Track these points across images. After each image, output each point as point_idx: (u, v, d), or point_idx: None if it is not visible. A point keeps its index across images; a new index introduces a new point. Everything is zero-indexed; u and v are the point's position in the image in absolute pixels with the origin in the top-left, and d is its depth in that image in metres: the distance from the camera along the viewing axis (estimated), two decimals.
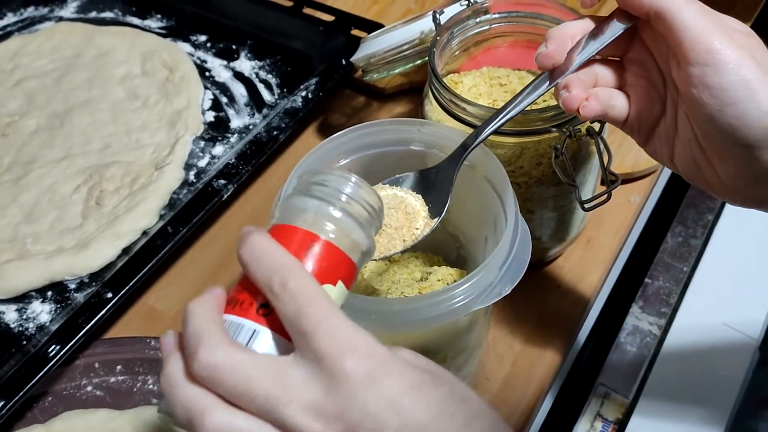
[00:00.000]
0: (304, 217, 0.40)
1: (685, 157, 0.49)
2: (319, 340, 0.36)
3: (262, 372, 0.36)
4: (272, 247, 0.38)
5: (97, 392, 0.63)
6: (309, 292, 0.37)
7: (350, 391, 0.35)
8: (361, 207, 0.41)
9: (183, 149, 0.77)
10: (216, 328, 0.38)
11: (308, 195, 0.41)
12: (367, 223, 0.42)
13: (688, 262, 0.74)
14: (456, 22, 0.63)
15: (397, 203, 0.53)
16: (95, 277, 0.68)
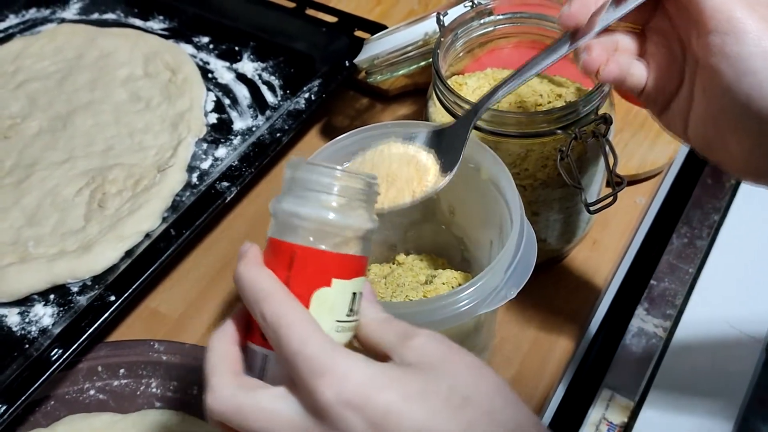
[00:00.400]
0: (283, 226, 0.41)
1: (699, 131, 0.49)
2: (298, 369, 0.37)
3: (257, 413, 0.38)
4: (253, 275, 0.40)
5: (101, 396, 0.63)
6: (284, 320, 0.38)
7: (331, 420, 0.36)
8: (346, 199, 0.40)
9: (186, 151, 0.76)
10: (224, 367, 0.40)
11: (289, 198, 0.41)
12: (356, 209, 0.41)
13: (694, 263, 0.74)
14: (460, 24, 0.63)
15: (409, 158, 0.52)
16: (98, 280, 0.68)
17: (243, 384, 0.39)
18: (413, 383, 0.37)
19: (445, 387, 0.37)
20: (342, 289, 0.40)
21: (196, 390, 0.62)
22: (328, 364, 0.37)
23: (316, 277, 0.40)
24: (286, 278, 0.40)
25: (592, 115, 0.58)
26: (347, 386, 0.36)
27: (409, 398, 0.36)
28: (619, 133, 0.76)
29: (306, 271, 0.40)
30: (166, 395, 0.62)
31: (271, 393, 0.38)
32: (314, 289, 0.40)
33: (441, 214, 0.62)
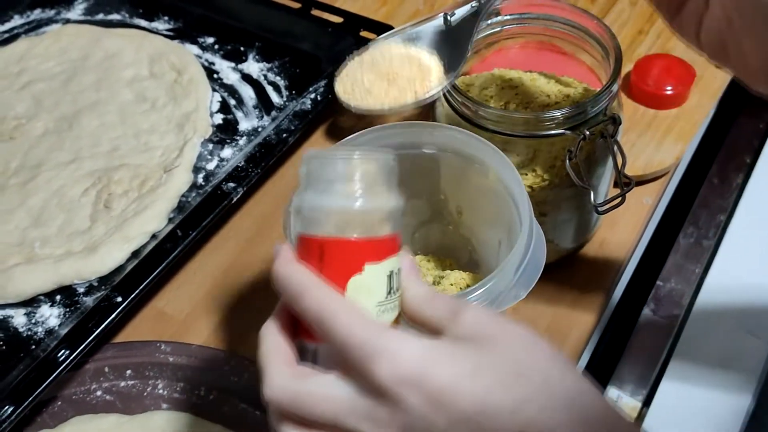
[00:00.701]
0: (308, 221, 0.41)
1: (713, 35, 0.48)
2: (350, 356, 0.37)
3: (314, 398, 0.38)
4: (288, 272, 0.40)
5: (107, 397, 0.63)
6: (327, 311, 0.38)
7: (390, 399, 0.36)
8: (367, 184, 0.40)
9: (191, 152, 0.76)
10: (276, 358, 0.40)
11: (310, 193, 0.41)
12: (378, 191, 0.41)
13: (701, 263, 0.74)
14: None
15: (410, 57, 0.50)
16: (104, 281, 0.68)
17: (297, 372, 0.39)
18: (468, 359, 0.37)
19: (500, 361, 0.37)
20: (376, 272, 0.40)
21: (203, 391, 0.62)
22: (379, 345, 0.37)
23: (348, 266, 0.40)
24: (319, 271, 0.40)
25: (600, 115, 0.57)
26: (401, 364, 0.36)
27: (464, 374, 0.36)
28: (626, 133, 0.76)
29: (337, 262, 0.40)
30: (172, 396, 0.62)
31: (326, 378, 0.39)
32: (348, 278, 0.40)
33: (449, 214, 0.62)
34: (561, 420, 0.36)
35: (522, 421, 0.36)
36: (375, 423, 0.37)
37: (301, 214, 0.41)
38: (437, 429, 0.36)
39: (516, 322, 0.39)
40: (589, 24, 0.62)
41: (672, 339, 0.68)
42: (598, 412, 0.37)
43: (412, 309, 0.41)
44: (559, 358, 0.38)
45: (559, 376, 0.37)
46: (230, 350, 0.64)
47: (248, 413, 0.61)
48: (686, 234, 0.76)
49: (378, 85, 0.46)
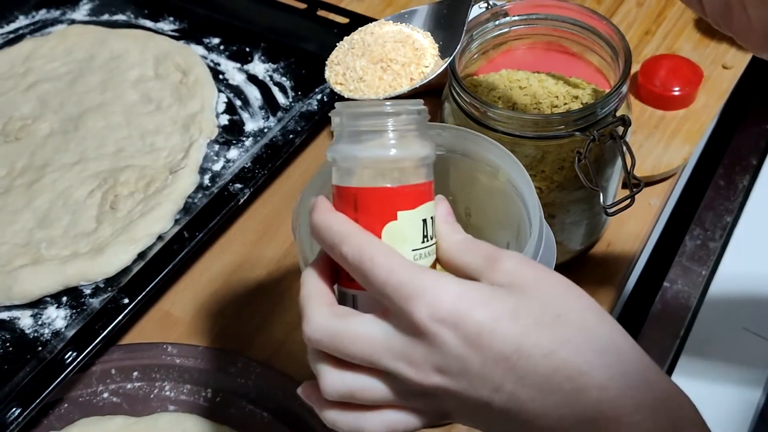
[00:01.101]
0: (343, 172, 0.41)
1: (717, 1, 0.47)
2: (388, 296, 0.38)
3: (353, 336, 0.39)
4: (327, 220, 0.40)
5: (114, 399, 0.63)
6: (366, 255, 0.39)
7: (427, 338, 0.37)
8: (399, 133, 0.41)
9: (197, 153, 0.76)
10: (317, 299, 0.41)
11: (343, 144, 0.42)
12: (410, 139, 0.41)
13: (707, 265, 0.74)
14: (475, 25, 0.62)
15: (404, 38, 0.48)
16: (110, 283, 0.68)
17: (336, 312, 0.40)
18: (506, 302, 0.37)
19: (538, 305, 0.37)
20: (410, 219, 0.41)
21: (209, 393, 0.62)
22: (419, 285, 0.37)
23: (382, 214, 0.40)
24: (355, 220, 0.41)
25: (609, 117, 0.57)
26: (440, 304, 0.37)
27: (502, 316, 0.37)
28: (633, 135, 0.75)
29: (370, 211, 0.41)
30: (179, 398, 0.62)
31: (364, 318, 0.39)
32: (382, 225, 0.40)
33: (457, 216, 0.61)
34: (595, 363, 0.36)
35: (557, 363, 0.36)
36: (410, 363, 0.38)
37: (336, 166, 0.42)
38: (472, 369, 0.37)
39: (553, 271, 0.40)
40: (597, 24, 0.61)
41: (679, 340, 0.68)
42: (632, 358, 0.37)
43: (449, 256, 0.42)
44: (595, 306, 0.39)
45: (595, 320, 0.38)
46: (237, 351, 0.64)
47: (255, 415, 0.61)
48: (693, 235, 0.76)
49: (371, 72, 0.45)
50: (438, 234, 0.42)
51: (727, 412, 0.63)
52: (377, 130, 0.41)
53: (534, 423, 0.37)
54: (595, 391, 0.35)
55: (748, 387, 0.65)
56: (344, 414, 0.41)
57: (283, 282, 0.70)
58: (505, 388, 0.37)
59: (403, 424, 0.40)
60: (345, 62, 0.46)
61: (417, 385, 0.38)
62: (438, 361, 0.37)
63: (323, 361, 0.40)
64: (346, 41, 0.48)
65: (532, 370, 0.36)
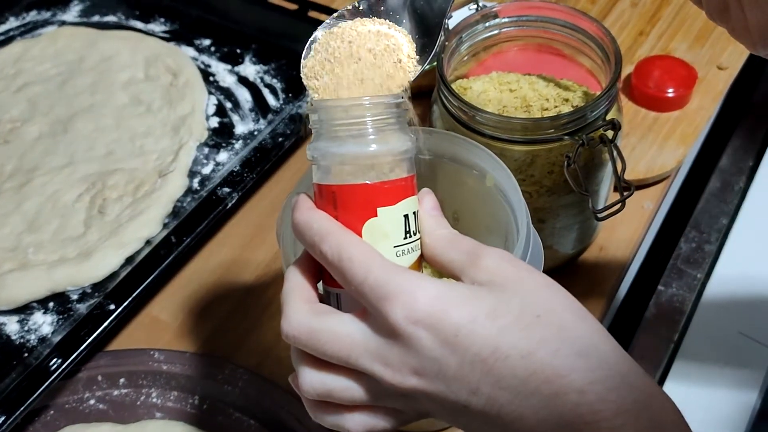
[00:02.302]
0: (323, 170, 0.41)
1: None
2: (365, 296, 0.38)
3: (330, 334, 0.39)
4: (307, 218, 0.41)
5: (100, 405, 0.62)
6: (345, 254, 0.38)
7: (403, 340, 0.37)
8: (377, 128, 0.41)
9: (187, 156, 0.76)
10: (297, 296, 0.41)
11: (323, 141, 0.41)
12: (390, 134, 0.41)
13: (702, 268, 0.73)
14: (465, 27, 0.62)
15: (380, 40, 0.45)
16: (98, 288, 0.67)
17: (316, 310, 0.40)
18: (484, 302, 0.37)
19: (517, 305, 0.37)
20: (390, 216, 0.40)
21: (197, 400, 0.62)
22: (396, 286, 0.37)
23: (362, 211, 0.40)
24: (335, 218, 0.40)
25: (599, 120, 0.56)
26: (417, 305, 0.37)
27: (480, 316, 0.36)
28: (626, 137, 0.75)
29: (350, 208, 0.40)
30: (166, 405, 0.62)
31: (341, 317, 0.39)
32: (362, 222, 0.40)
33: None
34: (575, 365, 0.35)
35: (535, 365, 0.35)
36: (387, 364, 0.37)
37: (315, 163, 0.42)
38: (448, 372, 0.36)
39: (534, 269, 0.40)
40: (588, 26, 0.61)
41: (674, 344, 0.68)
42: (613, 360, 0.36)
43: (432, 252, 0.41)
44: (577, 305, 0.38)
45: (575, 321, 0.37)
46: (225, 358, 0.64)
47: (242, 422, 0.60)
48: (688, 238, 0.75)
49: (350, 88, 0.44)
50: (422, 229, 0.42)
51: (722, 416, 0.63)
52: (355, 126, 0.40)
53: (512, 426, 0.36)
54: (574, 395, 0.35)
55: (744, 390, 0.64)
56: (326, 410, 0.41)
57: (272, 287, 0.69)
58: (483, 390, 0.36)
59: (382, 424, 0.40)
60: (320, 74, 0.45)
61: (394, 387, 0.38)
62: (414, 363, 0.37)
63: (303, 360, 0.40)
64: (321, 46, 0.46)
65: (510, 373, 0.35)
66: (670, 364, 0.66)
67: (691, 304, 0.70)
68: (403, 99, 0.42)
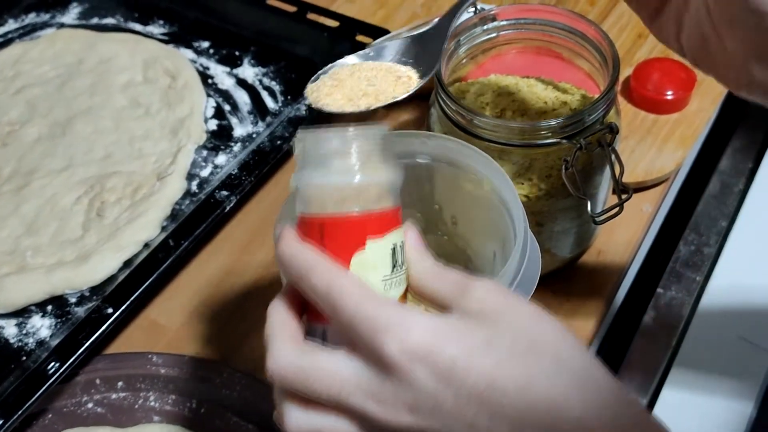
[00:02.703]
0: (308, 200, 0.40)
1: (694, 36, 0.47)
2: (357, 330, 0.37)
3: (319, 372, 0.37)
4: (293, 252, 0.39)
5: (99, 409, 0.62)
6: (335, 288, 0.38)
7: (397, 375, 0.36)
8: (363, 158, 0.40)
9: (185, 159, 0.75)
10: (282, 333, 0.39)
11: (307, 172, 0.40)
12: (375, 164, 0.40)
13: (702, 271, 0.73)
14: (463, 30, 0.62)
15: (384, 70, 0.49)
16: (96, 291, 0.67)
17: (303, 347, 0.39)
18: (477, 334, 0.36)
19: (510, 336, 0.36)
20: (379, 248, 0.40)
21: (194, 404, 0.62)
22: (389, 319, 0.36)
23: (350, 243, 0.40)
24: (321, 250, 0.39)
25: (597, 124, 0.56)
26: (411, 338, 0.36)
27: (474, 349, 0.36)
28: (625, 139, 0.75)
29: (338, 240, 0.40)
30: (164, 409, 0.62)
31: (332, 354, 0.38)
32: (351, 254, 0.39)
33: (443, 224, 0.61)
34: (571, 395, 0.35)
35: (531, 396, 0.35)
36: (380, 401, 0.36)
37: (300, 194, 0.41)
38: (444, 407, 0.36)
39: (524, 299, 0.39)
40: (587, 30, 0.61)
41: (673, 347, 0.67)
42: (607, 388, 0.36)
43: (419, 284, 0.41)
44: (569, 336, 0.38)
45: (569, 352, 0.37)
46: (223, 362, 0.64)
47: (240, 426, 0.60)
48: (687, 241, 0.75)
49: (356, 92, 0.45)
50: (408, 261, 0.41)
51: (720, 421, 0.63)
52: (341, 156, 0.40)
53: None
54: (572, 425, 0.35)
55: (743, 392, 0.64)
56: None
57: (270, 290, 0.68)
58: (480, 424, 0.35)
59: None
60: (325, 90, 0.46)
61: (387, 424, 0.37)
62: (409, 399, 0.36)
63: (288, 399, 0.39)
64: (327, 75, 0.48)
65: (508, 404, 0.35)
66: (668, 368, 0.66)
67: (690, 307, 0.70)
68: (388, 131, 0.41)
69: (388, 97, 0.47)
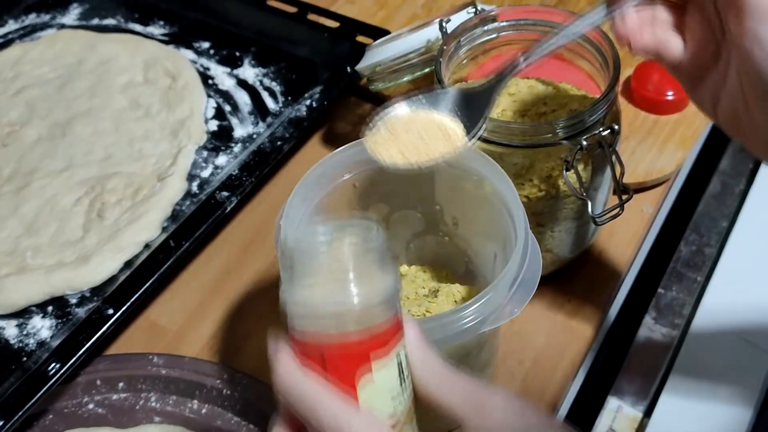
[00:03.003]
0: (302, 321, 0.37)
1: (728, 108, 0.48)
2: None
3: None
4: (295, 381, 0.37)
5: (99, 410, 0.62)
6: (344, 425, 0.36)
7: None
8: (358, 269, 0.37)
9: (186, 159, 0.75)
10: None
11: (297, 290, 0.37)
12: (372, 273, 0.38)
13: (702, 271, 0.73)
14: (463, 31, 0.62)
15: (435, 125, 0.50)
16: (96, 292, 0.67)
17: None
18: None
19: None
20: (385, 365, 0.37)
21: (195, 404, 0.62)
22: None
23: (354, 367, 0.37)
24: (323, 373, 0.37)
25: (598, 125, 0.56)
26: None
27: None
28: (626, 140, 0.75)
29: (341, 366, 0.37)
30: (165, 409, 0.62)
31: None
32: (357, 380, 0.37)
33: (444, 225, 0.61)
34: None
35: None
36: None
37: (293, 313, 0.38)
38: None
39: (543, 413, 0.39)
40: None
41: (673, 348, 0.67)
42: None
43: (427, 391, 0.39)
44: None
45: None
46: (224, 362, 0.64)
47: (241, 427, 0.60)
48: (688, 241, 0.75)
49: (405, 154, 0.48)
50: (412, 364, 0.39)
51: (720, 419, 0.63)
52: (334, 275, 0.37)
53: None
54: None
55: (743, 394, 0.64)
56: None
57: (271, 291, 0.69)
58: None
59: None
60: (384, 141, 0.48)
61: None
62: None
63: None
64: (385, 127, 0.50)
65: None
66: (669, 370, 0.66)
67: (691, 307, 0.70)
68: (378, 228, 0.39)
69: (438, 157, 0.48)
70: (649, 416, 0.63)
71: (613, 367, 0.67)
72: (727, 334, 0.68)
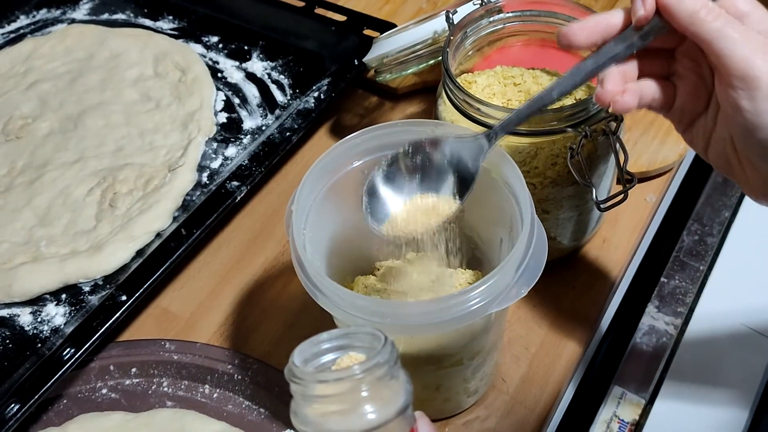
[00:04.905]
0: None
1: (719, 153, 0.50)
2: None
3: None
4: None
5: (112, 395, 0.63)
6: None
7: None
8: (371, 386, 0.36)
9: (196, 151, 0.77)
10: None
11: (310, 415, 0.37)
12: (384, 388, 0.37)
13: (705, 260, 0.73)
14: (469, 22, 0.63)
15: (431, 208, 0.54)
16: (109, 280, 0.68)
17: None
18: None
19: None
20: None
21: (207, 389, 0.63)
22: None
23: None
24: None
25: (602, 112, 0.57)
26: None
27: None
28: (629, 130, 0.76)
29: None
30: (177, 394, 0.63)
31: None
32: None
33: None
34: None
35: None
36: None
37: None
38: None
39: None
40: None
41: (676, 336, 0.68)
42: None
43: None
44: None
45: None
46: (234, 348, 0.65)
47: (252, 411, 0.61)
48: (690, 231, 0.76)
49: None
50: None
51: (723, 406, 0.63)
52: (352, 400, 0.36)
53: None
54: None
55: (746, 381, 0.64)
56: None
57: (281, 279, 0.70)
58: None
59: None
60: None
61: None
62: None
63: None
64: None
65: None
66: (672, 356, 0.67)
67: (694, 295, 0.71)
68: (389, 341, 0.38)
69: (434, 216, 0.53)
70: (653, 403, 0.64)
71: (617, 354, 0.68)
72: (729, 322, 0.68)
